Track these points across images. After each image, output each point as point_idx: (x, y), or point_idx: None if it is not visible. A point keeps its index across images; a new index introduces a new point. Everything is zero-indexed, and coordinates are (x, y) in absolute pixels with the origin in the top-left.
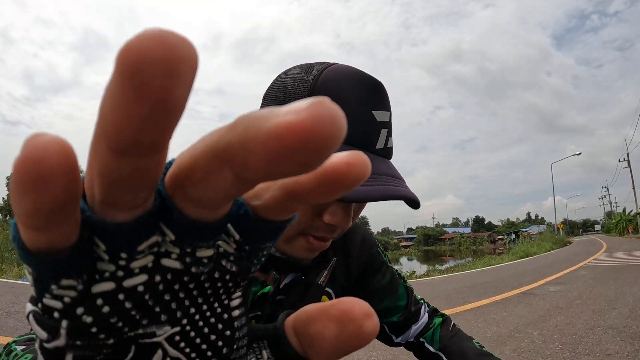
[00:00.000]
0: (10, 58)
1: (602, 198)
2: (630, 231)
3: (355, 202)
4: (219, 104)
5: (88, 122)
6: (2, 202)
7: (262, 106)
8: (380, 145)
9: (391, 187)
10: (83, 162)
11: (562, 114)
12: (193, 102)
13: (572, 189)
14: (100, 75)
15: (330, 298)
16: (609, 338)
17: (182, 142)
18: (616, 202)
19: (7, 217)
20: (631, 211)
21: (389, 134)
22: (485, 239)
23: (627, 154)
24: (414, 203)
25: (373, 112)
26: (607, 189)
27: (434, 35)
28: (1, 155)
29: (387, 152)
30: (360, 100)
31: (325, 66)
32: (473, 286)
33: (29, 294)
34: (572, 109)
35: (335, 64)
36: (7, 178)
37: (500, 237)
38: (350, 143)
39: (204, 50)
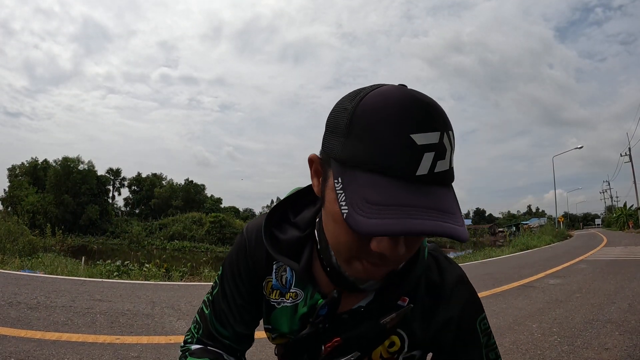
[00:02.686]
0: (11, 49)
1: (603, 192)
2: (630, 226)
3: (367, 234)
4: (220, 94)
5: (89, 113)
6: (3, 194)
7: (325, 129)
8: (422, 171)
9: (413, 221)
10: (84, 155)
11: (564, 107)
12: (194, 92)
13: (574, 183)
14: (100, 66)
15: (402, 341)
16: (607, 332)
17: (183, 132)
18: (617, 197)
19: (9, 209)
20: (632, 206)
21: (439, 157)
22: (485, 230)
23: (629, 148)
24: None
25: (412, 135)
26: (609, 183)
27: (436, 27)
28: (3, 146)
29: (434, 178)
30: (397, 125)
31: (369, 90)
32: (473, 278)
33: (30, 285)
34: (574, 102)
35: (383, 86)
36: (9, 170)
37: (500, 229)
38: (384, 173)
39: (204, 41)
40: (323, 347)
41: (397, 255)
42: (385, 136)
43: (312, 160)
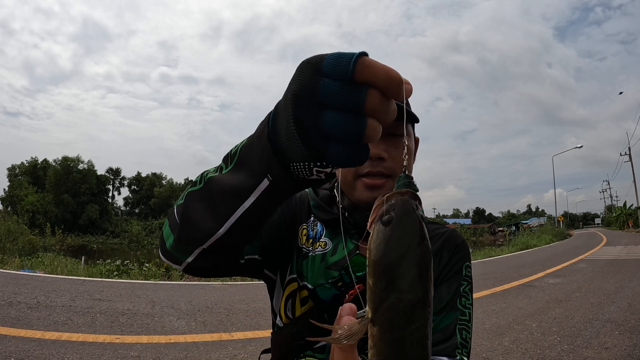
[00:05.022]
0: (11, 49)
1: (603, 192)
2: (630, 225)
3: None
4: (220, 93)
5: (88, 112)
6: (3, 194)
7: None
8: None
9: None
10: (84, 155)
11: (564, 107)
12: (194, 92)
13: (573, 182)
14: (100, 65)
15: None
16: (607, 331)
17: (183, 131)
18: (617, 196)
19: (9, 208)
20: (632, 205)
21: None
22: (485, 230)
23: (629, 147)
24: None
25: None
26: (608, 183)
27: (436, 26)
28: (2, 146)
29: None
30: None
31: None
32: (472, 277)
33: (30, 284)
34: (574, 101)
35: None
36: (9, 169)
37: (500, 228)
38: None
39: (204, 40)
40: (346, 296)
41: (378, 152)
42: None
43: None
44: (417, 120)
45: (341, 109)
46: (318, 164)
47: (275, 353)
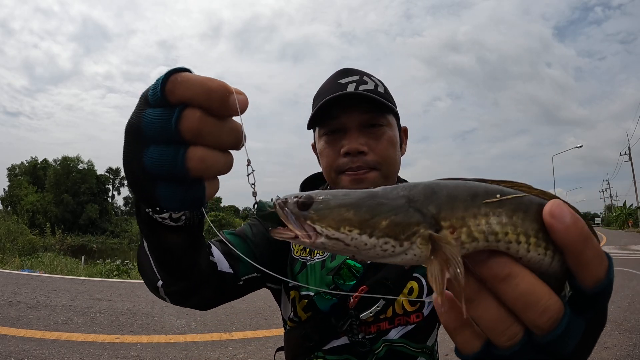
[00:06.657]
0: (10, 49)
1: (603, 191)
2: (630, 225)
3: (312, 120)
4: None
5: (88, 112)
6: (3, 193)
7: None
8: (350, 89)
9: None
10: (84, 155)
11: (563, 106)
12: None
13: (573, 182)
14: (100, 65)
15: (420, 285)
16: (607, 331)
17: None
18: (617, 196)
19: (9, 208)
20: (632, 205)
21: (361, 83)
22: None
23: (629, 147)
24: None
25: (339, 80)
26: (608, 182)
27: (435, 26)
28: (2, 146)
29: (360, 94)
30: (330, 80)
31: None
32: None
33: (30, 284)
34: (574, 101)
35: None
36: (8, 169)
37: None
38: (328, 95)
39: (204, 40)
40: (351, 299)
41: (358, 147)
42: (326, 84)
43: (312, 145)
44: (393, 110)
45: (158, 140)
46: (152, 209)
47: (287, 352)
